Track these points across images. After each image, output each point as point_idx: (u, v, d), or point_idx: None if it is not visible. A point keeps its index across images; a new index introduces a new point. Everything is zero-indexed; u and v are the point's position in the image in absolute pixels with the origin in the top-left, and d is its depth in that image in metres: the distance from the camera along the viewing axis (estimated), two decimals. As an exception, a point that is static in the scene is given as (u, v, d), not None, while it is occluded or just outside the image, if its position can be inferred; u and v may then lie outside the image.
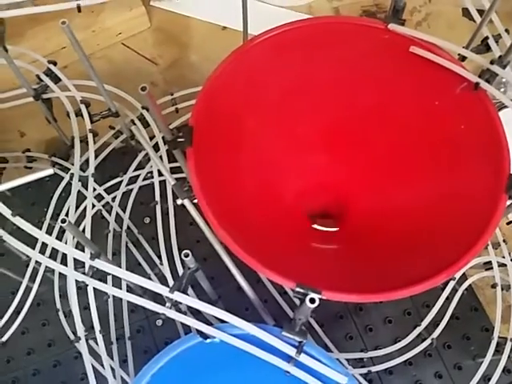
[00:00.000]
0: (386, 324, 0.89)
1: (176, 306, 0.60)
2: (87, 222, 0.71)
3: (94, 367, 0.75)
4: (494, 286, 0.86)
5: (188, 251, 0.53)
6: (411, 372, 0.86)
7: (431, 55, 0.62)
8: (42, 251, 0.76)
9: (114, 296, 0.83)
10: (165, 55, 1.17)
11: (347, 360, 0.83)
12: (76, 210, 0.84)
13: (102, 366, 0.73)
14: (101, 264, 0.53)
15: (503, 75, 0.60)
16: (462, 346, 0.87)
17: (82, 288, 0.69)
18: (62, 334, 0.86)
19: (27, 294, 0.82)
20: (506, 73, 0.61)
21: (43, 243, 0.61)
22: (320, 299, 0.52)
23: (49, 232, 0.86)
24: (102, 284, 0.57)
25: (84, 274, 0.60)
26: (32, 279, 0.83)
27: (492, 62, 0.62)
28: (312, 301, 0.47)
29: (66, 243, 0.75)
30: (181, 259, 0.72)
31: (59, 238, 0.82)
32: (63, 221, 0.52)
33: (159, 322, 0.86)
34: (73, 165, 0.79)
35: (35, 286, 0.82)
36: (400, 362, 0.83)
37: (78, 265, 0.65)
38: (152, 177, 0.85)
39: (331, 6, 1.19)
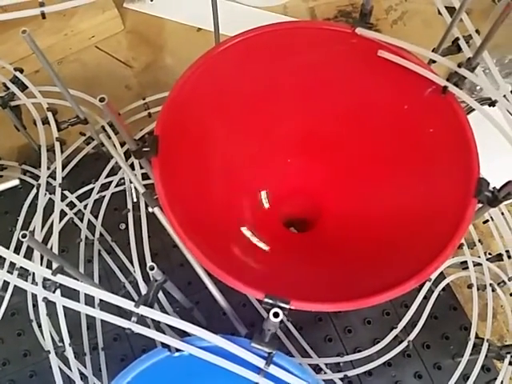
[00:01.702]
0: (365, 325, 0.89)
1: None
2: (54, 237, 0.70)
3: (69, 378, 0.75)
4: (469, 286, 0.85)
5: (153, 264, 0.52)
6: (391, 373, 0.86)
7: (398, 59, 0.62)
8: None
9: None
10: (139, 58, 1.15)
11: (326, 364, 0.83)
12: (48, 219, 0.83)
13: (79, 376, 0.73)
14: (64, 279, 0.52)
15: (471, 78, 0.60)
16: (441, 346, 0.87)
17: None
18: (38, 344, 0.85)
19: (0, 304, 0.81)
20: (473, 76, 0.60)
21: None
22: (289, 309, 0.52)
23: (19, 243, 0.84)
24: (69, 301, 0.56)
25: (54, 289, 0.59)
26: (4, 289, 0.82)
27: (460, 65, 0.61)
28: (276, 315, 0.46)
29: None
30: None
31: (31, 248, 0.80)
32: (24, 236, 0.50)
33: (135, 327, 0.86)
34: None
35: (7, 296, 0.80)
36: (379, 363, 0.82)
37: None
38: (125, 183, 0.84)
39: (307, 6, 1.18)
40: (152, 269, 0.52)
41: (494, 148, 0.64)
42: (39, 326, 0.85)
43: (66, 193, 0.88)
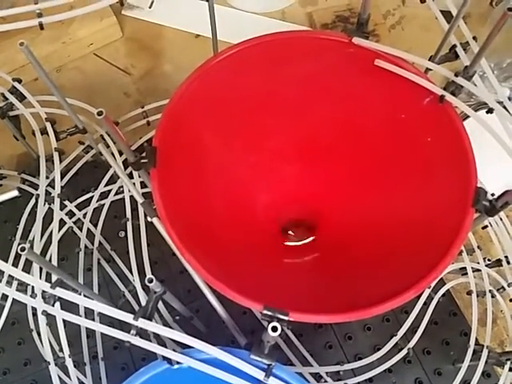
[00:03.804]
0: (366, 331, 0.89)
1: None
2: (53, 247, 0.70)
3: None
4: (469, 293, 0.85)
5: (152, 276, 0.52)
6: (391, 379, 0.86)
7: (395, 68, 0.62)
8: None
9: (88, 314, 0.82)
10: (138, 65, 1.15)
11: (326, 372, 0.83)
12: (48, 228, 0.83)
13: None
14: (63, 293, 0.52)
15: (468, 87, 0.60)
16: (441, 352, 0.87)
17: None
18: (38, 353, 0.85)
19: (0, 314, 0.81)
20: (470, 85, 0.60)
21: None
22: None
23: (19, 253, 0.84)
24: (69, 314, 0.56)
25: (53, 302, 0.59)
26: (4, 298, 0.82)
27: (457, 74, 0.61)
28: (274, 329, 0.46)
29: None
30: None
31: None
32: (22, 249, 0.51)
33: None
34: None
35: (7, 306, 0.81)
36: (380, 371, 0.82)
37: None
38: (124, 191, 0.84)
39: (305, 12, 1.18)
40: (151, 281, 0.52)
41: (490, 154, 0.64)
42: (39, 335, 0.85)
43: (66, 202, 0.88)
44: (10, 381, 0.87)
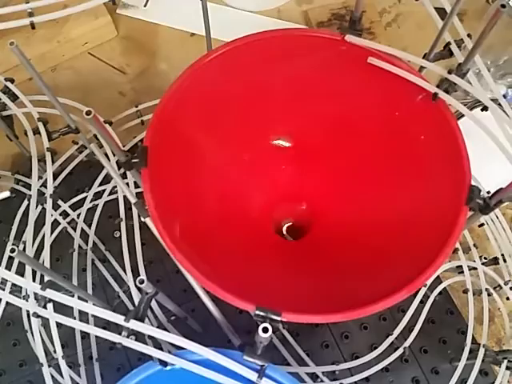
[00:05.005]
0: (362, 330, 0.88)
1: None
2: (46, 249, 0.69)
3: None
4: (465, 291, 0.85)
5: (143, 278, 0.52)
6: (388, 378, 0.85)
7: (389, 66, 0.61)
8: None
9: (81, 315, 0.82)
10: (133, 64, 1.15)
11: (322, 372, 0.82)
12: (42, 228, 0.82)
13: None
14: (54, 294, 0.52)
15: (461, 85, 0.59)
16: (438, 350, 0.87)
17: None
18: (34, 354, 0.84)
19: (-6, 314, 0.81)
20: (463, 82, 0.59)
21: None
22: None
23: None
24: (61, 317, 0.55)
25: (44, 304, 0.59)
26: (-2, 299, 0.81)
27: (450, 72, 0.60)
28: (265, 330, 0.46)
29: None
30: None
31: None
32: (12, 251, 0.50)
33: (132, 338, 0.85)
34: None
35: (2, 306, 0.80)
36: (377, 370, 0.81)
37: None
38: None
39: (300, 10, 1.18)
40: (142, 282, 0.52)
41: (486, 151, 0.63)
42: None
43: (59, 202, 0.88)
44: (5, 382, 0.87)
